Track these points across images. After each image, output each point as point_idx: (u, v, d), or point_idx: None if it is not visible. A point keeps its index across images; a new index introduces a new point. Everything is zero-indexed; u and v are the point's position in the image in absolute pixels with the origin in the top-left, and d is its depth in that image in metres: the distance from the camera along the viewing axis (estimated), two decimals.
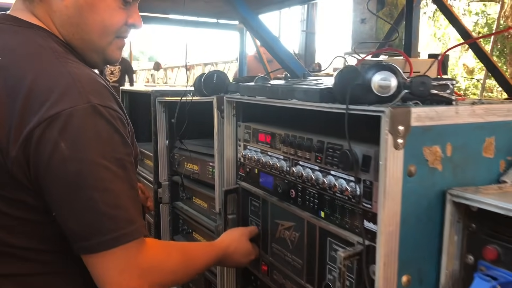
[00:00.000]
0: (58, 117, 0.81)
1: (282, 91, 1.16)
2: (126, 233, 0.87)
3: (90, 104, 0.84)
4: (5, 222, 0.89)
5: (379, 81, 0.88)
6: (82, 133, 0.83)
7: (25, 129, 0.82)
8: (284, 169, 1.17)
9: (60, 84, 0.84)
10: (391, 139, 0.81)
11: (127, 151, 0.91)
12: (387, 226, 0.83)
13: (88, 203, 0.84)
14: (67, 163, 0.82)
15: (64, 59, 0.91)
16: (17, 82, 0.84)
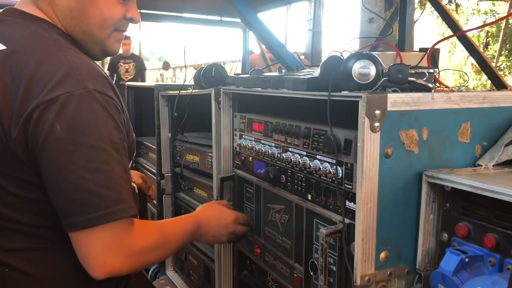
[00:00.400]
0: (56, 101, 0.88)
1: (273, 81, 1.22)
2: (113, 212, 0.92)
3: (86, 89, 0.91)
4: (10, 199, 0.96)
5: (359, 69, 0.93)
6: (77, 116, 0.89)
7: (26, 111, 0.88)
8: (275, 156, 1.23)
9: (60, 71, 0.90)
10: (368, 122, 0.87)
11: (120, 136, 0.97)
12: (365, 204, 0.89)
13: (79, 182, 0.89)
14: (61, 143, 0.89)
15: (65, 48, 0.97)
16: (20, 69, 0.91)
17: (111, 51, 1.13)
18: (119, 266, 0.95)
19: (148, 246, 1.03)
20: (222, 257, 1.54)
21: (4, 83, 0.91)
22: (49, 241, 1.01)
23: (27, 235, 0.99)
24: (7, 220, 0.97)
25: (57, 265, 1.03)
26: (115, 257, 0.94)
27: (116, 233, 0.94)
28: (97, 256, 0.93)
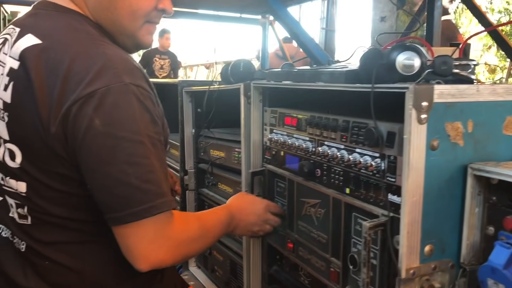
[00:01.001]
0: (94, 95, 0.87)
1: (308, 74, 1.21)
2: (155, 205, 0.92)
3: (123, 83, 0.90)
4: (49, 194, 0.96)
5: (403, 61, 0.93)
6: (115, 110, 0.89)
7: (64, 106, 0.88)
8: (309, 150, 1.23)
9: (96, 65, 0.89)
10: (415, 114, 0.86)
11: (156, 130, 0.96)
12: (410, 197, 0.88)
13: (121, 177, 0.89)
14: (101, 138, 0.88)
15: (99, 41, 0.97)
16: (56, 64, 0.90)
17: (143, 44, 1.11)
18: (163, 258, 0.96)
19: (190, 238, 1.04)
20: (252, 252, 1.54)
21: (41, 78, 0.90)
22: (87, 234, 1.01)
23: (65, 229, 0.99)
24: (46, 214, 0.97)
25: (96, 258, 1.03)
26: (158, 249, 0.94)
27: (158, 226, 0.94)
28: (141, 249, 0.93)
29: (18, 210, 1.00)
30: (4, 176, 1.00)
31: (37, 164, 0.94)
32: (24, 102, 0.92)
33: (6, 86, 0.95)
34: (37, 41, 0.94)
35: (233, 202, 1.30)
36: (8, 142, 0.96)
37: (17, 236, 1.02)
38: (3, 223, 1.06)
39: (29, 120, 0.91)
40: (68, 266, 1.00)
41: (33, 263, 1.00)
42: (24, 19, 1.04)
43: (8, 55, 0.97)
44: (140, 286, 1.07)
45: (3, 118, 0.96)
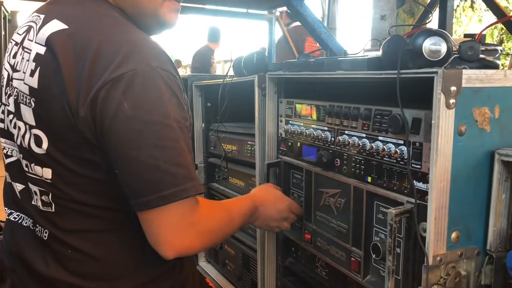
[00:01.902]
0: (122, 79, 0.86)
1: (327, 63, 1.20)
2: (184, 189, 0.91)
3: (150, 66, 0.89)
4: (75, 180, 0.95)
5: (430, 46, 0.92)
6: (143, 93, 0.88)
7: (92, 90, 0.87)
8: (328, 139, 1.22)
9: (123, 49, 0.89)
10: (444, 99, 0.85)
11: (183, 115, 0.95)
12: (438, 182, 0.88)
13: (149, 160, 0.88)
14: (130, 122, 0.87)
15: (125, 25, 0.96)
16: (84, 48, 0.90)
17: (167, 23, 1.08)
18: (189, 245, 0.95)
19: (215, 225, 1.03)
20: (266, 244, 1.53)
21: (69, 63, 0.89)
22: (111, 222, 1.00)
23: (89, 216, 0.98)
24: (70, 201, 0.97)
25: (118, 247, 1.02)
26: (185, 235, 0.94)
27: (185, 211, 0.93)
28: (168, 235, 0.92)
29: (42, 197, 0.99)
30: (29, 162, 0.99)
31: (64, 150, 0.93)
32: (52, 87, 0.91)
33: (32, 72, 0.94)
34: (64, 26, 0.93)
35: (258, 193, 1.29)
36: (34, 128, 0.95)
37: (39, 225, 1.01)
38: (24, 212, 1.05)
39: (57, 104, 0.90)
40: (90, 254, 0.99)
41: (54, 251, 0.99)
42: (47, 6, 1.04)
43: (34, 41, 0.96)
44: (160, 275, 1.06)
45: (30, 103, 0.94)
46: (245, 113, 1.75)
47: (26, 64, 0.96)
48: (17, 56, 1.01)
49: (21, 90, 0.97)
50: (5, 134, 1.08)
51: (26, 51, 0.98)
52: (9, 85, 1.02)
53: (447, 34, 0.93)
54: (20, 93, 0.97)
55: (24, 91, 0.96)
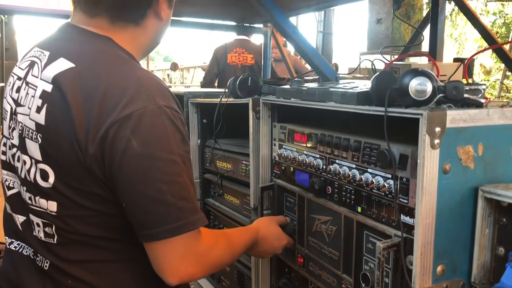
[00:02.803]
0: (130, 117, 0.90)
1: (319, 94, 1.24)
2: (189, 222, 0.96)
3: (157, 105, 0.93)
4: (80, 212, 0.98)
5: (416, 86, 0.95)
6: (151, 131, 0.92)
7: (102, 129, 0.90)
8: (320, 167, 1.25)
9: (131, 88, 0.93)
10: (428, 139, 0.89)
11: (185, 149, 0.99)
12: (424, 219, 0.91)
13: (157, 195, 0.92)
14: (138, 158, 0.91)
15: (131, 64, 1.00)
16: (92, 87, 0.93)
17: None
18: (192, 273, 0.99)
19: (218, 255, 1.08)
20: (260, 264, 1.56)
21: (78, 102, 0.93)
22: (113, 252, 1.03)
23: (92, 247, 1.01)
24: (74, 233, 1.00)
25: (121, 277, 1.05)
26: (188, 264, 0.98)
27: (189, 242, 0.97)
28: (173, 264, 0.96)
29: (45, 229, 1.02)
30: (33, 195, 1.02)
31: (70, 184, 0.96)
32: (60, 124, 0.94)
33: (39, 108, 0.97)
34: (71, 65, 0.96)
35: (261, 229, 1.32)
36: (40, 163, 0.98)
37: (40, 254, 1.04)
38: (25, 241, 1.08)
39: (66, 141, 0.93)
40: (92, 284, 1.02)
41: (55, 280, 1.02)
42: (51, 42, 1.06)
43: (39, 78, 0.99)
44: None
45: (36, 139, 0.97)
46: (241, 129, 1.78)
47: (32, 100, 0.99)
48: (21, 91, 1.04)
49: (27, 125, 0.99)
50: (7, 166, 1.10)
51: (31, 87, 1.01)
52: (13, 118, 1.05)
53: (432, 74, 0.96)
54: (26, 128, 1.00)
55: (30, 126, 0.98)
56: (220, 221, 2.05)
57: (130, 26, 1.07)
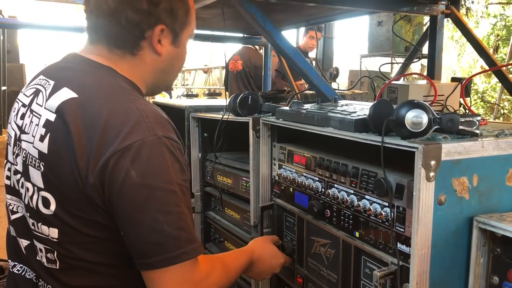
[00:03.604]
0: (130, 148, 0.93)
1: (317, 118, 1.26)
2: (186, 252, 0.97)
3: (156, 136, 0.96)
4: (81, 239, 1.01)
5: (412, 118, 0.97)
6: (150, 162, 0.94)
7: (102, 158, 0.93)
8: (319, 190, 1.28)
9: (131, 119, 0.96)
10: (424, 173, 0.91)
11: (184, 178, 1.01)
12: (419, 250, 0.93)
13: (154, 224, 0.94)
14: (137, 188, 0.93)
15: (132, 96, 1.02)
16: (94, 118, 0.96)
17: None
18: None
19: (214, 281, 1.09)
20: (260, 282, 1.58)
21: (80, 132, 0.95)
22: (114, 278, 1.05)
23: (94, 273, 1.04)
24: (76, 259, 1.02)
25: None
26: None
27: (186, 270, 0.99)
28: None
29: (47, 254, 1.04)
30: (36, 222, 1.04)
31: (72, 212, 0.99)
32: (62, 153, 0.96)
33: (42, 137, 0.99)
34: (74, 95, 0.99)
35: (256, 250, 1.35)
36: (42, 190, 1.00)
37: (42, 279, 1.07)
38: (28, 265, 1.11)
39: (67, 170, 0.96)
40: None
41: None
42: (57, 72, 1.09)
43: (44, 107, 1.02)
44: None
45: (39, 167, 1.00)
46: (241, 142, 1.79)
47: (36, 129, 1.02)
48: (25, 118, 1.07)
49: (30, 153, 1.02)
50: (11, 191, 1.13)
51: (35, 115, 1.04)
52: (17, 145, 1.08)
53: (428, 106, 0.98)
54: (29, 156, 1.02)
55: (33, 155, 1.01)
56: (221, 235, 2.07)
57: (127, 56, 1.08)
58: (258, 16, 1.48)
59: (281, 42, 1.54)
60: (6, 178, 1.15)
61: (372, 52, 8.65)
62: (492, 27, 10.38)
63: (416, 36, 8.33)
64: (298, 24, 2.37)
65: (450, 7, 1.76)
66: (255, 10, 1.48)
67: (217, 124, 1.81)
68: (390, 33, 8.15)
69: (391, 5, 1.69)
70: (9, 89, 8.52)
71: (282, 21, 2.38)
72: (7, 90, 8.25)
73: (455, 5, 1.76)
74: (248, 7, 1.47)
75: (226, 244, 2.04)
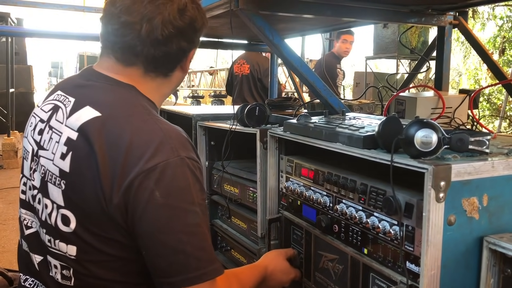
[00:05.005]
0: (155, 169, 0.95)
1: (325, 133, 1.26)
2: (207, 272, 0.99)
3: (179, 157, 0.98)
4: (99, 257, 1.02)
5: (421, 138, 0.97)
6: (173, 183, 0.96)
7: (127, 179, 0.94)
8: (327, 204, 1.28)
9: (155, 140, 0.97)
10: (434, 194, 0.91)
11: (203, 197, 1.04)
12: (429, 270, 0.93)
13: (177, 245, 0.96)
14: (161, 209, 0.95)
15: (153, 116, 1.05)
16: (117, 137, 0.97)
17: None
18: None
19: None
20: None
21: (104, 151, 0.96)
22: None
23: None
24: (92, 276, 1.02)
25: None
26: None
27: None
28: None
29: (63, 271, 1.05)
30: (53, 238, 1.05)
31: (92, 230, 1.00)
32: (85, 172, 0.97)
33: (63, 155, 1.00)
34: (97, 114, 1.00)
35: (269, 266, 1.35)
36: (62, 208, 1.01)
37: None
38: (40, 280, 1.11)
39: (90, 189, 0.97)
40: None
41: None
42: (75, 88, 1.10)
43: (64, 124, 1.03)
44: None
45: (60, 185, 1.01)
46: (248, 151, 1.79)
47: (56, 146, 1.03)
48: (44, 134, 1.07)
49: (50, 170, 1.03)
50: (26, 205, 1.14)
51: (55, 132, 1.05)
52: (34, 160, 1.09)
53: (438, 125, 0.98)
54: (48, 172, 1.03)
55: (54, 172, 1.02)
56: (228, 244, 2.07)
57: (159, 78, 1.14)
58: (266, 29, 1.48)
59: (289, 54, 1.54)
60: (21, 192, 1.16)
61: (378, 53, 8.63)
62: (498, 29, 10.33)
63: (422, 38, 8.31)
64: (304, 33, 2.37)
65: (458, 18, 1.76)
66: (262, 23, 1.48)
67: (223, 133, 1.81)
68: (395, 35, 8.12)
69: (399, 16, 1.68)
70: (17, 90, 8.57)
71: (288, 30, 2.39)
72: (15, 92, 8.30)
73: (463, 15, 1.76)
74: (255, 21, 1.48)
75: (233, 253, 2.04)
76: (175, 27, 1.06)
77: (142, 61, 1.09)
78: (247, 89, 4.51)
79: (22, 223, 1.16)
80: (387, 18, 1.73)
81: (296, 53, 1.57)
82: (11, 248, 3.69)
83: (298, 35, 2.56)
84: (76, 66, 22.31)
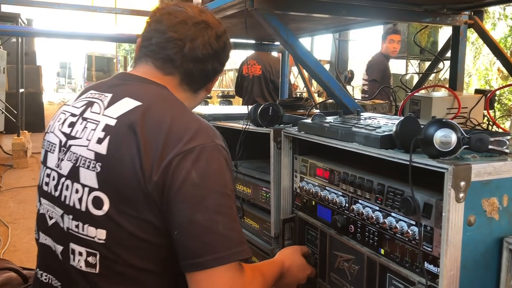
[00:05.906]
0: (192, 151, 1.01)
1: (341, 133, 1.25)
2: (237, 252, 1.01)
3: (215, 143, 1.05)
4: (129, 242, 1.03)
5: (440, 137, 0.96)
6: (209, 165, 1.02)
7: (166, 159, 1.00)
8: (343, 204, 1.27)
9: (192, 127, 1.05)
10: (454, 194, 0.90)
11: (233, 187, 1.08)
12: (448, 271, 0.92)
13: (209, 224, 0.99)
14: (195, 188, 1.00)
15: (186, 108, 1.14)
16: (158, 123, 1.04)
17: None
18: None
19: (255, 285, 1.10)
20: None
21: (145, 134, 1.02)
22: (153, 286, 1.07)
23: (133, 280, 1.05)
24: (119, 262, 1.03)
25: None
26: None
27: (232, 273, 1.01)
28: None
29: (88, 258, 1.05)
30: (82, 223, 1.05)
31: (125, 211, 1.02)
32: (124, 153, 1.02)
33: (100, 140, 1.06)
34: (138, 103, 1.08)
35: (286, 261, 1.35)
36: (96, 190, 1.04)
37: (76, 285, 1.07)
38: (61, 271, 1.11)
39: (128, 169, 1.01)
40: None
41: None
42: (110, 87, 1.18)
43: (102, 114, 1.10)
44: None
45: (95, 167, 1.04)
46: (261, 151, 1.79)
47: (91, 133, 1.08)
48: (77, 126, 1.13)
49: (83, 155, 1.07)
50: (49, 197, 1.15)
51: (90, 121, 1.11)
52: (62, 150, 1.13)
53: (457, 125, 0.97)
54: (81, 158, 1.07)
55: (88, 156, 1.06)
56: None
57: (189, 92, 1.25)
58: (281, 30, 1.48)
59: (304, 54, 1.53)
60: (45, 184, 1.16)
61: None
62: (509, 29, 10.24)
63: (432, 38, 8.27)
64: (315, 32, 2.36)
65: (474, 17, 1.75)
66: (277, 23, 1.48)
67: (235, 132, 1.81)
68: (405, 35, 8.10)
69: (413, 16, 1.67)
70: (26, 90, 8.64)
71: (300, 30, 2.38)
72: (24, 92, 8.36)
73: (478, 15, 1.74)
74: (270, 20, 1.48)
75: None
76: (213, 49, 1.21)
77: (180, 73, 1.20)
78: (258, 90, 4.51)
79: (45, 215, 1.16)
80: (401, 17, 1.72)
81: (311, 53, 1.57)
82: (22, 248, 3.70)
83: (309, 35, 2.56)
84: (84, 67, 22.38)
